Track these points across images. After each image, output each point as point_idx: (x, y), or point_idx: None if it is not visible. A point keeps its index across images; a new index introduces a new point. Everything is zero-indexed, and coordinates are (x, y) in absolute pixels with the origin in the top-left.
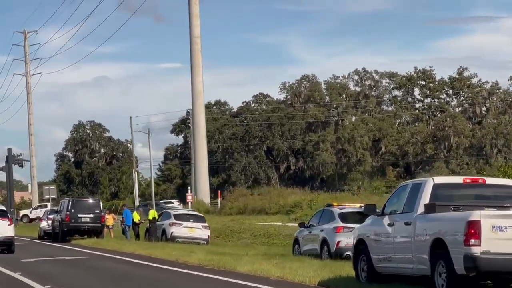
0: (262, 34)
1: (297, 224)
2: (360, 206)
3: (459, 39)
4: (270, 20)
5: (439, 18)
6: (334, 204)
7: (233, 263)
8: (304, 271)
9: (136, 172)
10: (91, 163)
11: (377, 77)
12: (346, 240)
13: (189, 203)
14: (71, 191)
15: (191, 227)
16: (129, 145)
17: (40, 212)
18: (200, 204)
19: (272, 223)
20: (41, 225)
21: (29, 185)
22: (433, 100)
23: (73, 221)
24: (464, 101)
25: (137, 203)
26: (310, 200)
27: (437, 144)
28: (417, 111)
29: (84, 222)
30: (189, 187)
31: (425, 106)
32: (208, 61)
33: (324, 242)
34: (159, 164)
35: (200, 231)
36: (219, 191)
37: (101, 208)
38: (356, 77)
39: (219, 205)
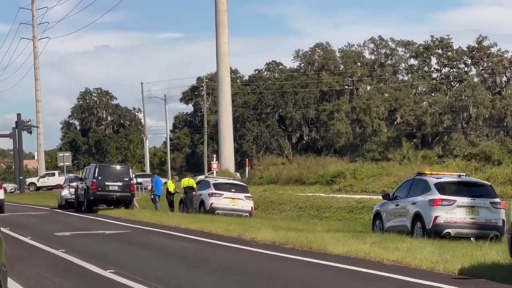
0: (265, 5)
1: (342, 195)
2: (459, 175)
3: (463, 12)
4: None
5: None
6: (426, 172)
7: (320, 243)
8: (422, 254)
9: (147, 141)
10: (98, 131)
11: (393, 46)
12: (446, 215)
13: (214, 172)
14: (77, 160)
15: (233, 198)
16: (136, 113)
17: (48, 181)
18: (226, 174)
19: (314, 194)
20: (62, 194)
21: (36, 153)
22: (451, 70)
23: (100, 189)
24: (483, 71)
25: (148, 172)
26: (354, 170)
27: (455, 115)
28: (434, 81)
29: (112, 191)
30: (214, 156)
31: (443, 76)
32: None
33: (417, 217)
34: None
35: (243, 202)
36: (247, 159)
37: (131, 176)
38: (371, 45)
39: (247, 174)
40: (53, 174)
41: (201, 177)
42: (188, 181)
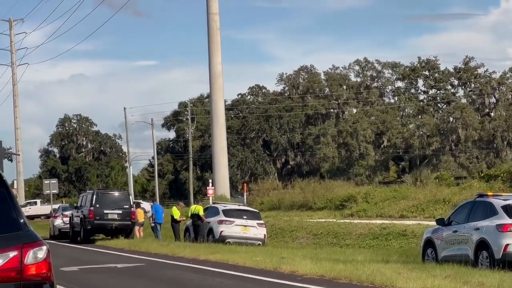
0: (239, 31)
1: (358, 221)
2: None
3: (436, 37)
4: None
5: (416, 15)
6: (488, 193)
7: (382, 276)
8: None
9: (131, 167)
10: (78, 159)
11: (379, 68)
12: None
13: (210, 198)
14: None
15: (245, 226)
16: (117, 139)
17: (29, 210)
18: (222, 200)
19: (325, 219)
20: (56, 223)
21: (15, 181)
22: (438, 92)
23: (98, 218)
24: (471, 92)
25: (132, 199)
26: (365, 193)
27: (443, 137)
28: (421, 102)
29: (111, 220)
30: (210, 180)
31: (430, 97)
32: (186, 57)
33: (481, 245)
34: (149, 160)
35: (255, 230)
36: (244, 184)
37: (131, 203)
38: (357, 68)
39: (245, 200)
40: (35, 203)
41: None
42: (195, 208)
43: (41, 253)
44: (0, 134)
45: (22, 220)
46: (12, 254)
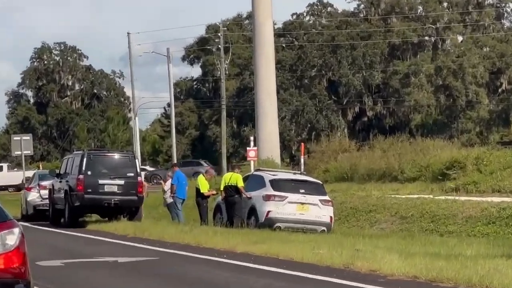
0: None
1: (467, 197)
2: None
3: None
4: None
5: None
6: None
7: (504, 279)
8: None
9: (136, 119)
10: (61, 106)
11: None
12: None
13: (251, 163)
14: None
15: (303, 203)
16: (117, 79)
17: None
18: (269, 166)
19: (417, 195)
20: (29, 198)
21: None
22: None
23: (90, 191)
24: None
25: (139, 164)
26: (476, 158)
27: None
28: None
29: (109, 193)
30: (251, 138)
31: None
32: None
33: None
34: (164, 109)
35: (318, 210)
36: (301, 143)
37: (138, 169)
38: None
39: (302, 166)
40: (0, 169)
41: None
42: (230, 178)
43: (12, 238)
44: None
45: None
46: None
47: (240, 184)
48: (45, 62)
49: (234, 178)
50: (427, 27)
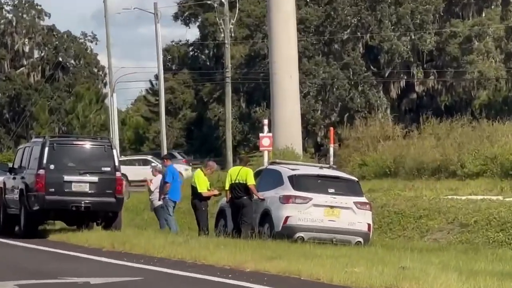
0: None
1: None
2: None
3: None
4: None
5: None
6: None
7: None
8: None
9: (114, 95)
10: (15, 79)
11: None
12: None
13: (265, 154)
14: None
15: (332, 207)
16: (88, 43)
17: None
18: (288, 157)
19: (482, 196)
20: None
21: None
22: None
23: (53, 190)
24: None
25: (117, 154)
26: None
27: None
28: None
29: (78, 194)
30: (265, 121)
31: None
32: None
33: None
34: (150, 82)
35: (351, 215)
36: (331, 128)
37: (116, 161)
38: None
39: (331, 158)
40: None
41: None
42: (238, 173)
43: None
44: None
45: None
46: None
47: (251, 181)
48: None
49: (242, 173)
50: None
